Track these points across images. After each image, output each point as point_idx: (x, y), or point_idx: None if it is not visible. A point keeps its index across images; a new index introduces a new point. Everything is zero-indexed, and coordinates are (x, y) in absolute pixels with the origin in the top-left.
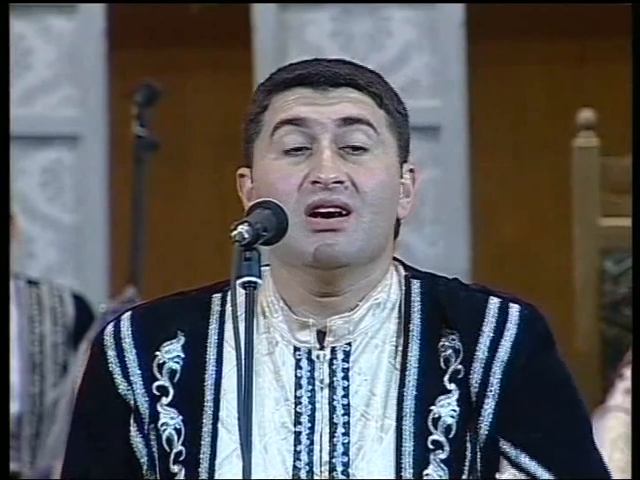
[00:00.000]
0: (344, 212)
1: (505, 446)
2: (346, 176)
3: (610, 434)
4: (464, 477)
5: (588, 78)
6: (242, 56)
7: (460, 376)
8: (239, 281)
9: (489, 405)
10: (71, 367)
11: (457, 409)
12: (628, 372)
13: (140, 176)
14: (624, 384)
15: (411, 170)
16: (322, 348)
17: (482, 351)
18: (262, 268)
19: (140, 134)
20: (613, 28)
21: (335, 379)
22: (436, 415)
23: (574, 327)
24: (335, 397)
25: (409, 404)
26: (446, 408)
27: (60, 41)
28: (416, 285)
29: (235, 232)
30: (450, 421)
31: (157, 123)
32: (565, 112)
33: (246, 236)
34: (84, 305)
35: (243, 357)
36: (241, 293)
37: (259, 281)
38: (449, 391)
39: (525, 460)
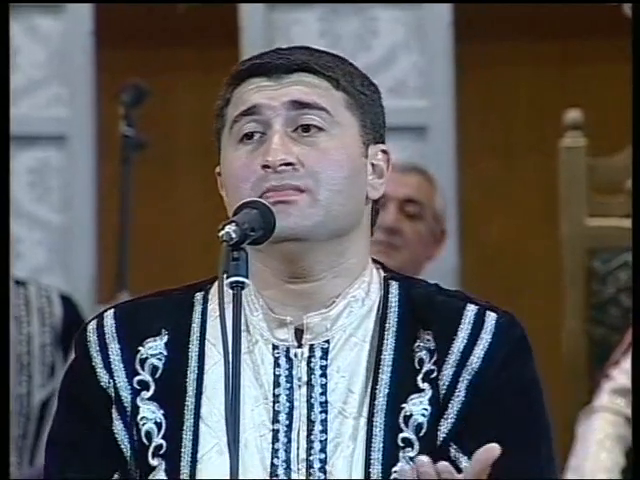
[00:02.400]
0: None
1: (454, 451)
2: (296, 158)
3: (597, 435)
4: None
5: (575, 78)
6: (229, 56)
7: (433, 376)
8: (227, 281)
9: (453, 409)
10: (61, 368)
11: (429, 408)
12: (614, 372)
13: (127, 176)
14: (610, 384)
15: (384, 151)
16: (300, 346)
17: (454, 355)
18: None
19: (127, 134)
20: (600, 28)
21: (313, 377)
22: (408, 413)
23: (561, 327)
24: (313, 395)
25: (381, 401)
26: (418, 407)
27: (47, 41)
28: (394, 286)
29: (223, 232)
30: (421, 419)
31: (145, 123)
32: (552, 112)
33: (234, 236)
34: (72, 306)
35: (230, 357)
36: (228, 293)
37: (247, 281)
38: (422, 390)
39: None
